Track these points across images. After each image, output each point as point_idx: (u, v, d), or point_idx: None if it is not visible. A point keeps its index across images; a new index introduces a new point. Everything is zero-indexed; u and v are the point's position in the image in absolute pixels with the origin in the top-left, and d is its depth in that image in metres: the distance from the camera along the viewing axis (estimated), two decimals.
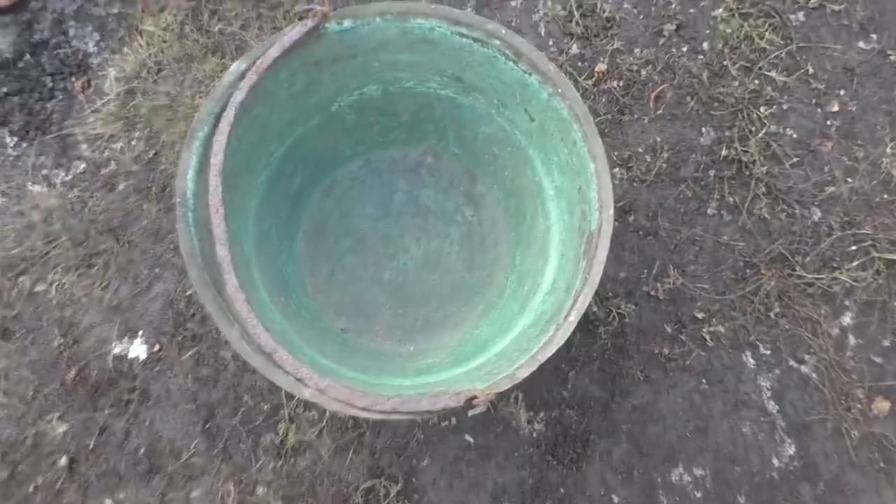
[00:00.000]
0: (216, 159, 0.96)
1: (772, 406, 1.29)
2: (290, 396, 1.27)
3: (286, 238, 1.21)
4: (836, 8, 1.54)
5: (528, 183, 1.17)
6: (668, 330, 1.32)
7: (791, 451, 1.26)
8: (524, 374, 0.90)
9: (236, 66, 1.01)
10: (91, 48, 1.48)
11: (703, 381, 1.30)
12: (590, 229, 1.00)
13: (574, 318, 0.92)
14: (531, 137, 1.13)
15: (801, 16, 1.54)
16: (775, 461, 1.26)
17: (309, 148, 1.20)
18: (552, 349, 0.91)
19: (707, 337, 1.31)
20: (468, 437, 1.26)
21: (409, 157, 1.28)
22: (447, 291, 1.22)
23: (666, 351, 1.30)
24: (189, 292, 1.31)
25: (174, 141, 1.38)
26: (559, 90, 1.01)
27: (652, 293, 1.34)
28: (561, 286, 1.03)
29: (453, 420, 1.26)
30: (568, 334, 0.91)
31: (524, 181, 1.18)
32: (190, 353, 1.28)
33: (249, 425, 1.26)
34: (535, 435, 1.26)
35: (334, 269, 1.23)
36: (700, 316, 1.33)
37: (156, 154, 1.38)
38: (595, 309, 1.33)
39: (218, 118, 0.99)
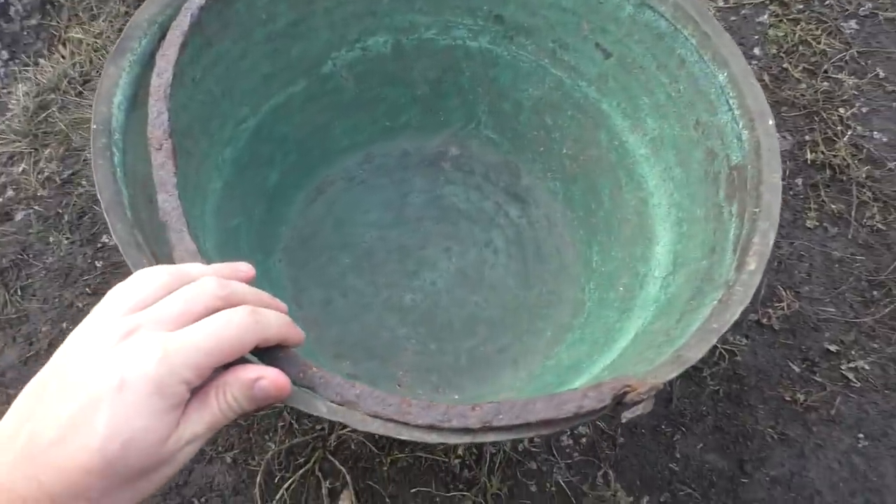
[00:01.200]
0: (161, 79, 0.61)
1: None
2: None
3: (260, 251, 0.83)
4: (890, 16, 1.34)
5: (603, 153, 0.84)
6: (797, 369, 0.95)
7: None
8: (696, 355, 0.52)
9: None
10: None
11: (860, 435, 0.91)
12: (729, 165, 0.66)
13: (755, 265, 0.56)
14: (605, 84, 0.82)
15: (853, 23, 1.33)
16: None
17: (291, 126, 0.86)
18: (735, 311, 0.53)
19: (850, 376, 0.95)
20: None
21: (425, 149, 0.95)
22: (498, 316, 0.84)
23: (801, 397, 0.92)
24: None
25: None
26: None
27: (764, 322, 0.98)
28: (693, 256, 0.67)
29: None
30: (753, 290, 0.55)
31: (595, 153, 0.85)
32: None
33: None
34: None
35: (331, 296, 0.85)
36: (833, 349, 0.97)
37: (73, 174, 1.01)
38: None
39: (164, 29, 0.65)
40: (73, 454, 0.32)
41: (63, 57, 1.13)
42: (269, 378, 0.39)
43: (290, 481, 0.83)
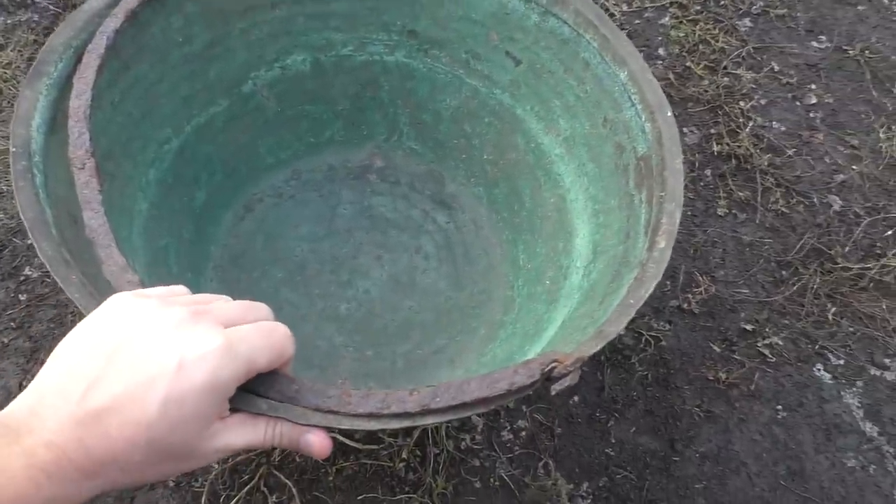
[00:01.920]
0: (80, 100, 0.61)
1: (870, 428, 0.97)
2: None
3: (191, 270, 0.83)
4: (780, 13, 1.44)
5: (520, 156, 0.88)
6: (717, 349, 1.01)
7: None
8: (616, 329, 0.56)
9: None
10: None
11: (779, 407, 0.97)
12: (636, 157, 0.71)
13: (664, 243, 0.60)
14: (518, 90, 0.85)
15: (747, 21, 1.43)
16: None
17: (215, 145, 0.87)
18: (649, 287, 0.57)
19: (766, 352, 1.01)
20: None
21: (350, 162, 0.97)
22: (431, 319, 0.87)
23: (723, 376, 0.98)
24: None
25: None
26: None
27: (685, 307, 1.04)
28: (611, 243, 0.71)
29: None
30: (664, 265, 0.59)
31: (513, 157, 0.89)
32: None
33: None
34: None
35: None
36: (749, 328, 1.03)
37: None
38: (621, 332, 1.00)
39: (79, 53, 0.66)
40: (123, 425, 0.33)
41: None
42: (317, 434, 0.43)
43: (235, 499, 0.83)
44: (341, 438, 0.86)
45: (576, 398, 0.95)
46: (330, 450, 0.44)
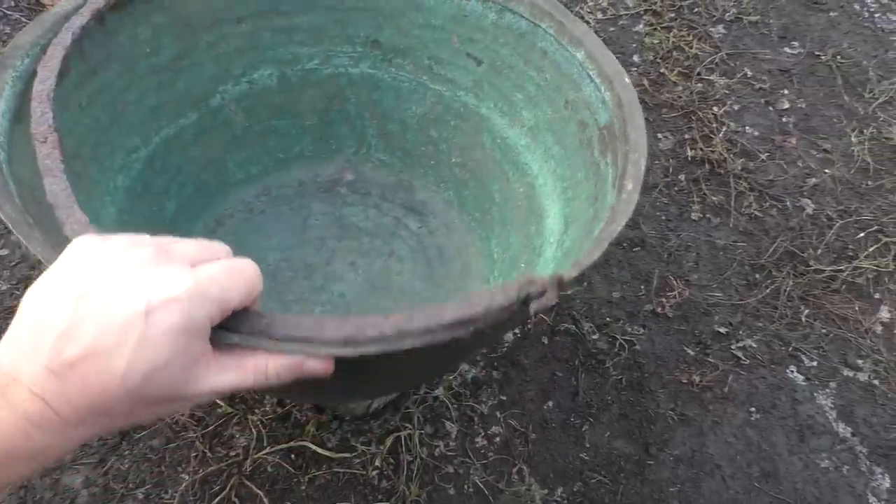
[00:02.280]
0: (44, 85, 0.61)
1: (843, 429, 0.97)
2: None
3: None
4: (753, 19, 1.46)
5: (487, 153, 0.89)
6: (691, 352, 1.01)
7: (886, 482, 0.93)
8: (590, 260, 0.55)
9: None
10: None
11: (752, 409, 0.97)
12: (598, 127, 0.72)
13: (632, 185, 0.61)
14: (481, 90, 0.86)
15: (721, 28, 1.44)
16: (872, 499, 0.92)
17: (184, 158, 0.87)
18: (620, 222, 0.57)
19: (739, 354, 1.01)
20: None
21: (320, 177, 0.97)
22: None
23: (696, 379, 0.98)
24: None
25: None
26: None
27: (658, 311, 1.04)
28: (581, 210, 0.72)
29: None
30: (633, 206, 0.59)
31: (480, 156, 0.90)
32: None
33: None
34: None
35: None
36: (723, 331, 1.03)
37: None
38: (595, 337, 1.00)
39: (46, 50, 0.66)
40: (97, 376, 0.32)
41: None
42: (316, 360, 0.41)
43: None
44: (313, 447, 0.86)
45: (550, 403, 0.95)
46: (332, 366, 0.42)
